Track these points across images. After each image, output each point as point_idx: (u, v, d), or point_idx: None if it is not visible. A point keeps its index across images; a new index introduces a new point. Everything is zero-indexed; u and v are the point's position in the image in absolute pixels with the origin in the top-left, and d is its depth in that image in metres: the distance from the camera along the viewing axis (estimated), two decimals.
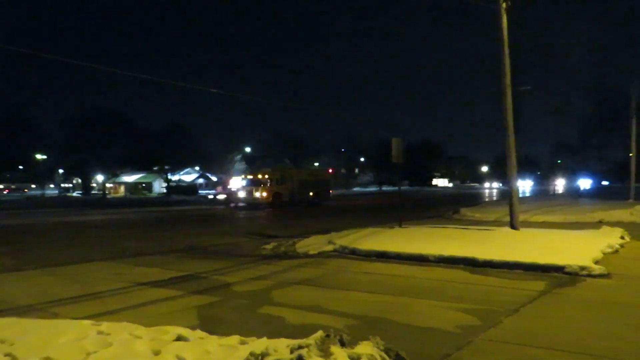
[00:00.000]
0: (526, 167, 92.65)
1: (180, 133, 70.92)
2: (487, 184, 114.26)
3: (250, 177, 37.48)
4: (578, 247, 10.19)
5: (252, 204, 34.73)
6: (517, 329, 5.57)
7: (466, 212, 23.04)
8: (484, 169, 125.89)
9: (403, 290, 7.68)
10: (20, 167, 71.85)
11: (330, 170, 44.44)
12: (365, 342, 4.53)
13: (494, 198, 46.69)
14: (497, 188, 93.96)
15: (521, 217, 14.09)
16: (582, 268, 8.52)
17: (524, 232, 13.00)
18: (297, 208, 34.43)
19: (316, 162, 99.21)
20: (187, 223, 23.66)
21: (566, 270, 8.58)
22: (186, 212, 32.26)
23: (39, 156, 67.66)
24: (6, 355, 4.43)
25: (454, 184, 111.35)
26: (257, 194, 34.62)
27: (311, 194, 37.74)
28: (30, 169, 72.35)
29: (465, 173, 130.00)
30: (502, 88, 13.54)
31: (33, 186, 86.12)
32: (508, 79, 13.50)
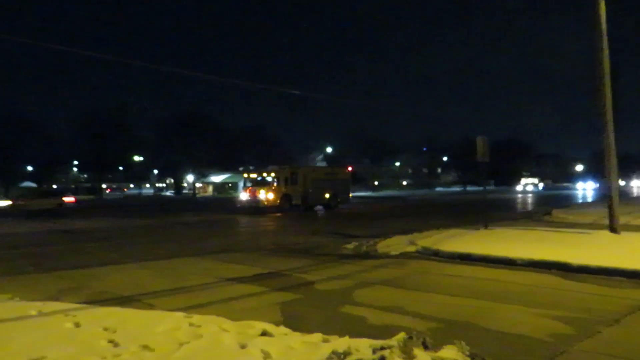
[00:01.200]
0: (633, 165, 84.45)
1: (263, 134, 73.27)
2: (522, 185, 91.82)
3: (254, 176, 31.68)
4: None
5: (256, 208, 29.80)
6: (618, 341, 5.15)
7: (558, 213, 21.71)
8: (578, 167, 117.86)
9: (489, 294, 7.38)
10: (120, 167, 77.73)
11: (350, 168, 36.26)
12: (449, 346, 4.42)
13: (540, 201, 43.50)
14: (532, 192, 73.71)
15: (622, 220, 13.01)
16: None
17: (625, 235, 11.99)
18: (306, 214, 28.70)
19: (397, 161, 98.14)
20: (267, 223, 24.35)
21: None
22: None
23: (136, 158, 72.83)
24: (109, 341, 4.82)
25: (545, 184, 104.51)
26: (262, 196, 29.52)
27: (327, 195, 31.91)
28: (129, 169, 78.09)
29: (557, 172, 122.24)
30: (598, 80, 12.58)
31: (131, 186, 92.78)
32: (607, 70, 12.52)
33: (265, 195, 29.52)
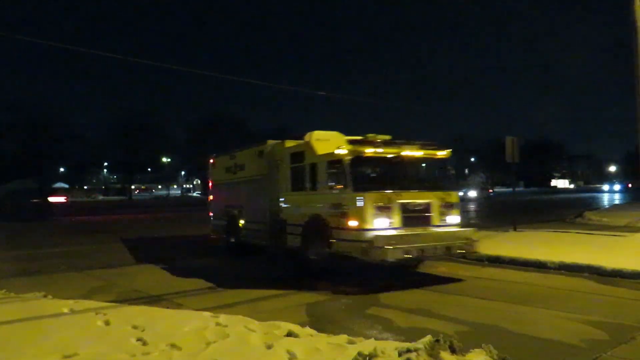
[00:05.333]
0: None
1: (290, 136, 73.67)
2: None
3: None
4: None
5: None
6: None
7: (591, 215, 21.15)
8: (612, 168, 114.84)
9: (519, 298, 7.23)
10: (149, 169, 79.33)
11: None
12: (477, 350, 4.35)
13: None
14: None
15: None
16: None
17: None
18: None
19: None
20: None
21: None
22: None
23: (164, 159, 74.20)
24: (138, 340, 4.90)
25: (576, 185, 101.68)
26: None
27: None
28: (157, 170, 79.63)
29: (590, 173, 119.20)
30: (634, 80, 12.20)
31: (159, 187, 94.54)
32: None
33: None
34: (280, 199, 10.31)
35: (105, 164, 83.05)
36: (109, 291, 8.13)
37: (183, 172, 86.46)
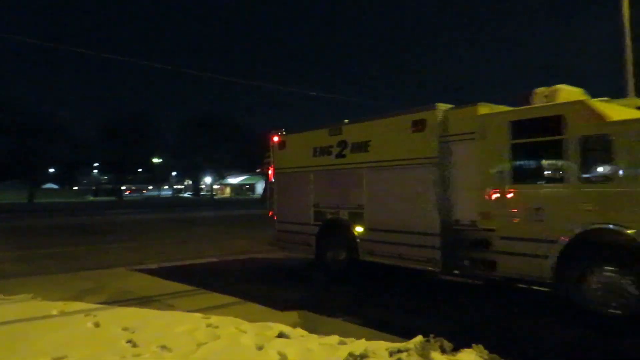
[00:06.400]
0: None
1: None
2: None
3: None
4: None
5: None
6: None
7: None
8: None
9: (510, 297, 7.28)
10: (140, 169, 78.88)
11: None
12: (467, 350, 4.38)
13: None
14: None
15: None
16: None
17: None
18: None
19: None
20: None
21: None
22: None
23: (155, 160, 73.84)
24: (129, 341, 4.88)
25: None
26: None
27: None
28: (148, 171, 79.22)
29: None
30: (623, 82, 12.32)
31: (150, 187, 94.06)
32: (630, 72, 12.24)
33: None
34: (484, 197, 6.72)
35: (96, 164, 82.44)
36: (99, 292, 8.07)
37: (174, 173, 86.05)
